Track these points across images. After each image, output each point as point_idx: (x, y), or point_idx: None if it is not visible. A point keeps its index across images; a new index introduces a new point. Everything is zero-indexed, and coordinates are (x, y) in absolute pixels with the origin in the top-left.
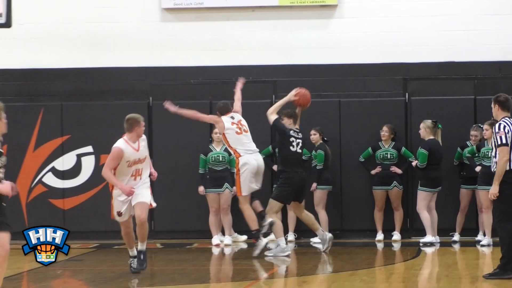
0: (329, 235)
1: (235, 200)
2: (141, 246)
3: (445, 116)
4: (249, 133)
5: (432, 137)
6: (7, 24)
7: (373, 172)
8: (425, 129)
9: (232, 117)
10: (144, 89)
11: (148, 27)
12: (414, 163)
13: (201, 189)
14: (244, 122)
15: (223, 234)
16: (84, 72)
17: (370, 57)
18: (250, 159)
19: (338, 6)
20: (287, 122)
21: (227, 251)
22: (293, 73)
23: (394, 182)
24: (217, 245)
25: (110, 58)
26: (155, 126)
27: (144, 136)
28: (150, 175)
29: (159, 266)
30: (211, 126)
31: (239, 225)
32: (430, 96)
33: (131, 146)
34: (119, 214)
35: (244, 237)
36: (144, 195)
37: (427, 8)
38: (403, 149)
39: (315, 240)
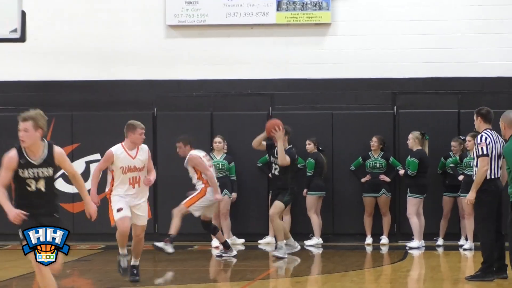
0: (298, 248)
1: (233, 205)
2: (135, 261)
3: (430, 128)
4: (213, 168)
5: (420, 147)
6: (22, 38)
7: (363, 180)
8: (414, 140)
9: (199, 151)
10: (149, 100)
11: (153, 42)
12: (401, 172)
13: None
14: (207, 157)
15: None
16: (93, 84)
17: (361, 73)
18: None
19: (332, 24)
20: (284, 139)
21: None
22: (289, 87)
23: (383, 189)
24: (217, 247)
25: (118, 71)
26: (159, 135)
27: (145, 147)
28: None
29: (162, 266)
30: (212, 136)
31: (237, 229)
32: (417, 109)
33: (127, 152)
34: (119, 209)
35: (242, 240)
36: (143, 216)
37: (415, 27)
38: (391, 158)
39: (308, 243)
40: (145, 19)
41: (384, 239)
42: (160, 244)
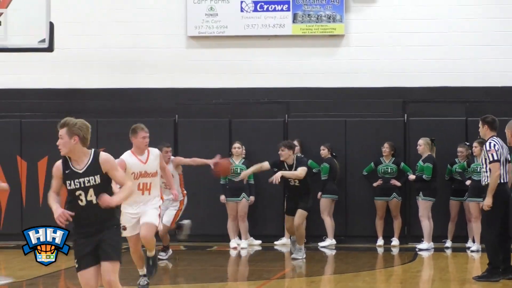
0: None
1: (251, 208)
2: (150, 253)
3: (439, 135)
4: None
5: (429, 153)
6: (50, 48)
7: (375, 184)
8: (425, 146)
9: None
10: (170, 108)
11: (175, 52)
12: (411, 177)
13: (222, 197)
14: None
15: (240, 238)
16: (117, 92)
17: (373, 82)
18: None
19: (345, 36)
20: (288, 152)
21: (243, 253)
22: (304, 95)
23: (394, 193)
24: (235, 248)
25: (141, 80)
26: (180, 141)
27: (156, 151)
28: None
29: (183, 266)
30: (231, 142)
31: (255, 230)
32: (427, 117)
33: (137, 158)
34: (124, 228)
35: (259, 241)
36: (151, 216)
37: (424, 39)
38: (402, 164)
39: (322, 244)
40: (167, 30)
41: (395, 241)
42: (164, 256)
